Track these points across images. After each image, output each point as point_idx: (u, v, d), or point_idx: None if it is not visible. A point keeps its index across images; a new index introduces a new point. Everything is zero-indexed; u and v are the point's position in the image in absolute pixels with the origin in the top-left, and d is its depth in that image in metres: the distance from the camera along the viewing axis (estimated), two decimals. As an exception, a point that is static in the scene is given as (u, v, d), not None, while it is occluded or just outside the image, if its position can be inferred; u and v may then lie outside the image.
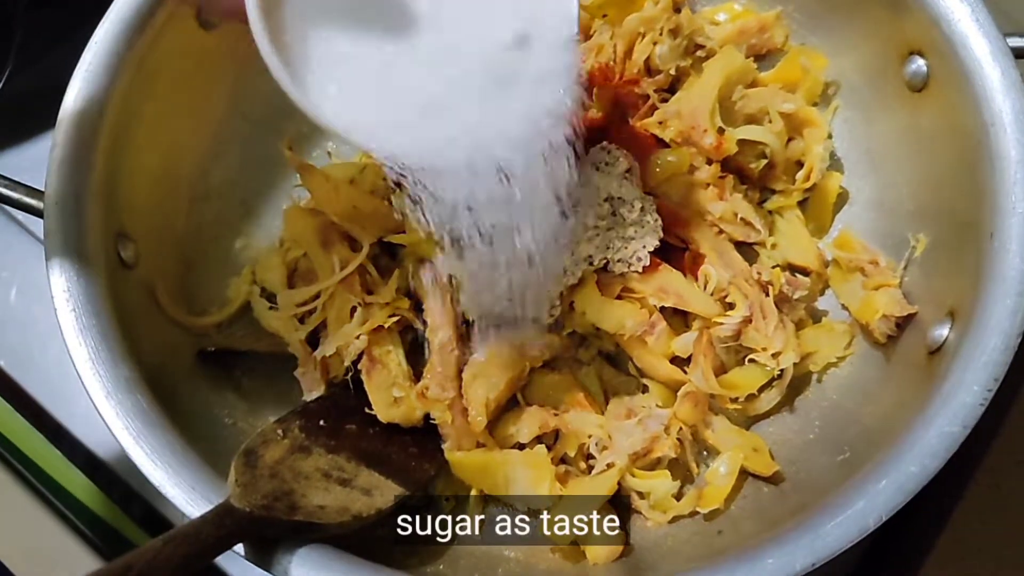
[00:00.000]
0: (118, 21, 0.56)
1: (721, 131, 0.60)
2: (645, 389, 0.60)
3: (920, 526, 0.59)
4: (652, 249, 0.57)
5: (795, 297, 0.58)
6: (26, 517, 0.62)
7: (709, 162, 0.61)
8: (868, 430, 0.53)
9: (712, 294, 0.58)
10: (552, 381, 0.59)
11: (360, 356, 0.59)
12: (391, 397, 0.58)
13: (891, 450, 0.47)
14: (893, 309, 0.56)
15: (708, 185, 0.60)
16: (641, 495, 0.56)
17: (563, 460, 0.58)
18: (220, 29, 0.61)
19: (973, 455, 0.57)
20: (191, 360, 0.58)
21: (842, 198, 0.63)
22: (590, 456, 0.57)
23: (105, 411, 0.49)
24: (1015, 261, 0.48)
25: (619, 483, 0.56)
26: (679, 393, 0.58)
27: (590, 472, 0.57)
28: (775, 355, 0.57)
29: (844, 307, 0.61)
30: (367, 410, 0.58)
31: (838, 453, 0.53)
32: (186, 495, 0.47)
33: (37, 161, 0.54)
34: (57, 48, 0.76)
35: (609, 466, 0.56)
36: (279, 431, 0.54)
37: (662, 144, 0.61)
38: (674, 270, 0.58)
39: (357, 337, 0.58)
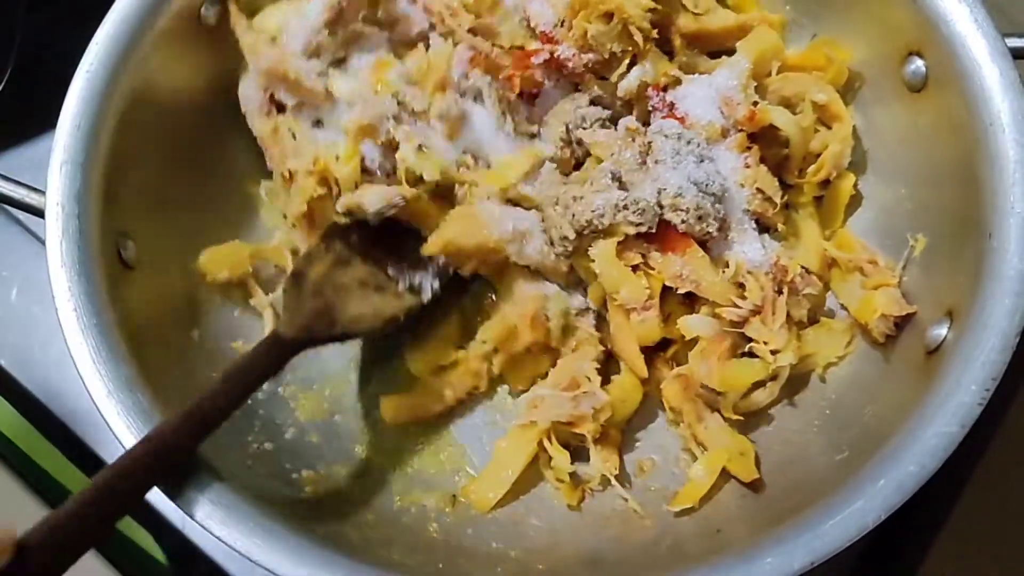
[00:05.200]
0: (119, 22, 0.56)
1: (754, 104, 0.60)
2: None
3: (919, 525, 0.59)
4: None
5: (804, 291, 0.58)
6: (27, 517, 0.62)
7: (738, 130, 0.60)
8: (867, 429, 0.53)
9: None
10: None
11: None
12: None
13: (890, 449, 0.47)
14: (892, 309, 0.56)
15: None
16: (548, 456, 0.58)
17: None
18: (220, 29, 0.61)
19: (971, 455, 0.57)
20: (192, 360, 0.59)
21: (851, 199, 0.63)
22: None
23: (106, 410, 0.49)
24: (1013, 261, 0.48)
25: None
26: (671, 374, 0.58)
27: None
28: (774, 352, 0.57)
29: (843, 307, 0.61)
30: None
31: (837, 452, 0.53)
32: (186, 493, 0.47)
33: (38, 161, 0.54)
34: (57, 48, 0.77)
35: (532, 423, 0.57)
36: (323, 247, 0.59)
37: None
38: (702, 252, 0.57)
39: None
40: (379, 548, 0.53)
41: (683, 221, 0.56)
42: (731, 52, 0.63)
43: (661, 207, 0.56)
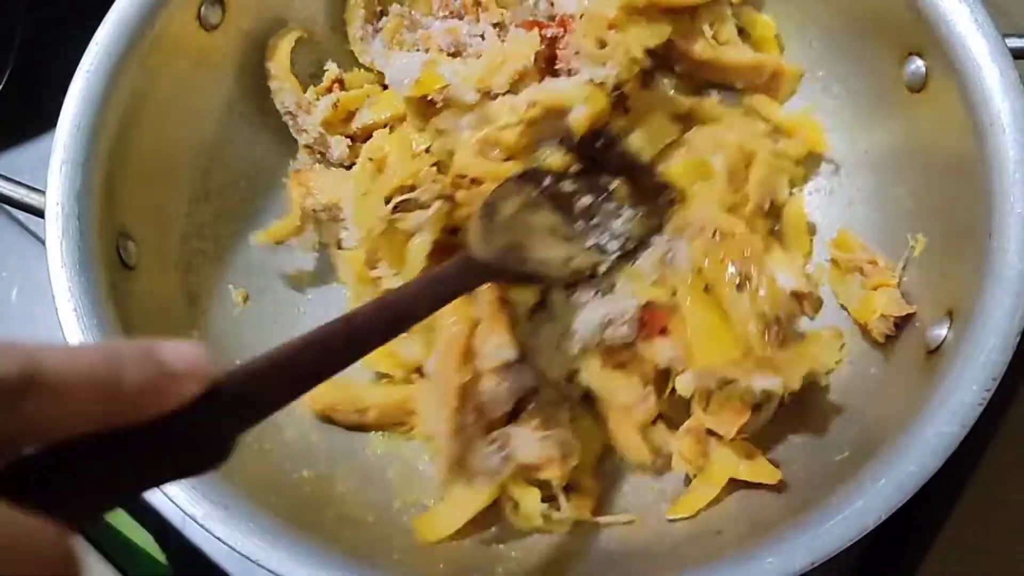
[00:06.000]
0: (119, 22, 0.56)
1: None
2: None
3: (919, 526, 0.59)
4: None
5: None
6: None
7: None
8: (867, 430, 0.54)
9: None
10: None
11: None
12: None
13: (890, 449, 0.47)
14: (892, 309, 0.56)
15: None
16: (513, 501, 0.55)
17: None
18: (220, 29, 0.61)
19: (972, 454, 0.57)
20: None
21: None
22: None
23: (106, 411, 0.49)
24: (1014, 261, 0.48)
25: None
26: (681, 428, 0.57)
27: None
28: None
29: (843, 307, 0.61)
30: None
31: (837, 453, 0.53)
32: (186, 494, 0.47)
33: (38, 161, 0.54)
34: (57, 48, 0.77)
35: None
36: (514, 186, 0.56)
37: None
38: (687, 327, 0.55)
39: None
40: (379, 548, 0.53)
41: None
42: (731, 87, 0.64)
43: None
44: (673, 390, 0.57)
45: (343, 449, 0.60)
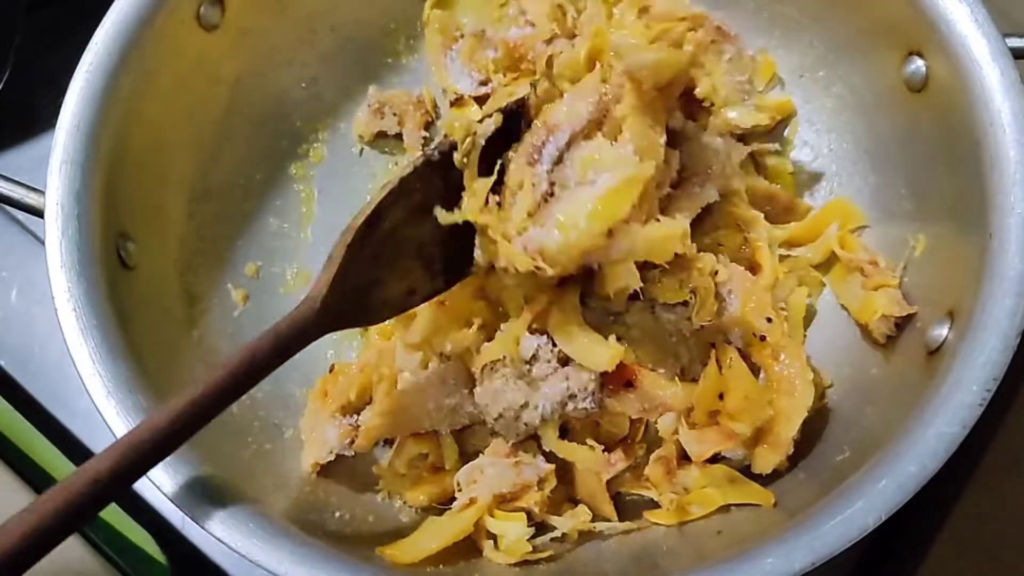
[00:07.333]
0: (118, 22, 0.56)
1: None
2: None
3: (919, 526, 0.59)
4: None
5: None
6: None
7: None
8: (867, 430, 0.53)
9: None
10: None
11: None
12: None
13: (890, 450, 0.47)
14: (892, 309, 0.56)
15: None
16: (491, 536, 0.54)
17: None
18: (220, 29, 0.61)
19: (972, 455, 0.57)
20: (192, 360, 0.59)
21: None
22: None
23: (105, 410, 0.49)
24: (1014, 261, 0.48)
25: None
26: (652, 456, 0.56)
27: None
28: None
29: (843, 307, 0.61)
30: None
31: (838, 453, 0.53)
32: (185, 493, 0.47)
33: (37, 161, 0.54)
34: (57, 48, 0.77)
35: (472, 501, 0.54)
36: (412, 183, 0.51)
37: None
38: (650, 373, 0.55)
39: None
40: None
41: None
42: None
43: None
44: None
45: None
